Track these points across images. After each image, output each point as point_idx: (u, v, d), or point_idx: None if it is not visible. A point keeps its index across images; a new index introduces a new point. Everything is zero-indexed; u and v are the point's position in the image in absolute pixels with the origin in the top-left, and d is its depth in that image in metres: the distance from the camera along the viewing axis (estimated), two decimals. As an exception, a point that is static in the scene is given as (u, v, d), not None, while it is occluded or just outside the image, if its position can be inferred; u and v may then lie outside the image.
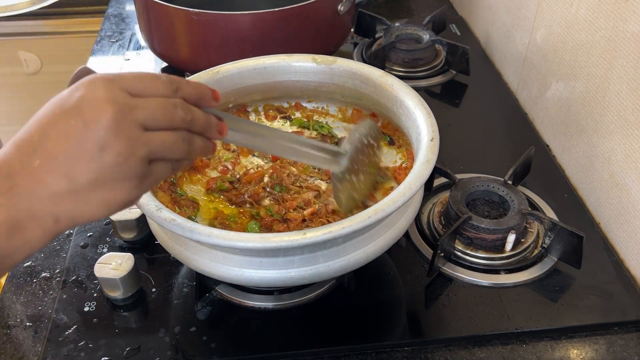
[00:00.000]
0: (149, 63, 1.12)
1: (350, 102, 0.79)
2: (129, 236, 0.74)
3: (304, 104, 0.82)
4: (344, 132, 0.80)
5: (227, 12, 0.90)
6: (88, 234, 0.76)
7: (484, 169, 0.81)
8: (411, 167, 0.61)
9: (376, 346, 0.63)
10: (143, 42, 1.14)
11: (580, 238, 0.67)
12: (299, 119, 0.81)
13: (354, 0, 1.03)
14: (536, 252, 0.72)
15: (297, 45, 0.90)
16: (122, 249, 0.74)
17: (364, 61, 1.10)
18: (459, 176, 0.78)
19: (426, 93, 1.04)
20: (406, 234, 0.74)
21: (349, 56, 1.13)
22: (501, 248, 0.71)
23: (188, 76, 0.74)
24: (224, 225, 0.68)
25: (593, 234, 0.75)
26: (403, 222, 0.63)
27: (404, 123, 0.69)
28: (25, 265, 0.73)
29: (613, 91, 0.73)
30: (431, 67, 1.09)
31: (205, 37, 0.93)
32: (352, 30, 1.17)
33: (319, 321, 0.66)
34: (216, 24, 0.91)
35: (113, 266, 0.66)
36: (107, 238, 0.76)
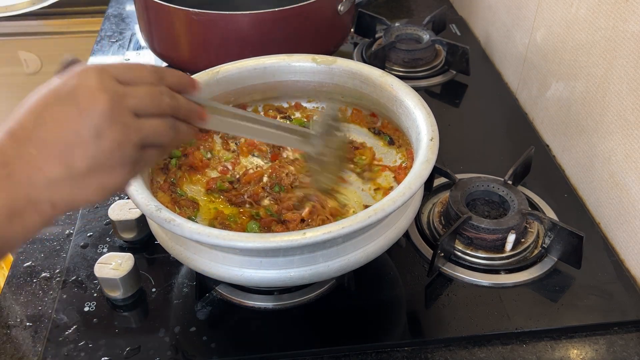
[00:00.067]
0: (149, 63, 1.12)
1: (350, 102, 0.79)
2: (129, 236, 0.74)
3: (304, 104, 0.82)
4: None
5: (227, 12, 0.90)
6: (88, 234, 0.76)
7: (484, 169, 0.81)
8: (411, 167, 0.61)
9: (376, 346, 0.63)
10: (143, 42, 1.14)
11: (580, 238, 0.67)
12: (299, 119, 0.81)
13: (354, 0, 1.03)
14: (536, 252, 0.72)
15: (297, 45, 0.90)
16: (122, 249, 0.74)
17: (364, 61, 1.10)
18: (459, 176, 0.78)
19: (426, 93, 1.04)
20: (406, 234, 0.74)
21: (349, 56, 1.13)
22: (501, 248, 0.71)
23: (188, 76, 0.74)
24: (224, 225, 0.68)
25: (593, 234, 0.75)
26: (403, 222, 0.63)
27: (404, 123, 0.69)
28: (25, 265, 0.73)
29: (613, 91, 0.73)
30: (431, 67, 1.09)
31: (205, 37, 0.93)
32: (352, 30, 1.17)
33: (319, 321, 0.66)
34: (216, 24, 0.91)
35: (113, 266, 0.66)
36: (107, 238, 0.76)
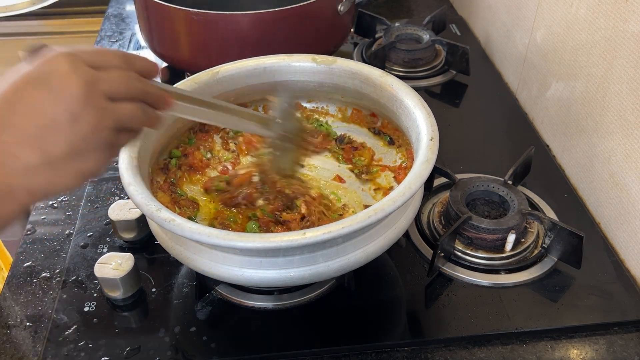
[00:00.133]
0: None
1: (350, 102, 0.79)
2: (129, 236, 0.74)
3: (304, 104, 0.81)
4: (344, 132, 0.80)
5: (227, 12, 0.90)
6: (88, 234, 0.76)
7: (484, 169, 0.81)
8: (411, 167, 0.61)
9: (376, 346, 0.63)
10: (143, 42, 1.14)
11: (580, 238, 0.67)
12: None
13: (354, 0, 1.03)
14: (536, 252, 0.72)
15: (297, 45, 0.90)
16: (122, 249, 0.74)
17: (364, 61, 1.10)
18: (459, 176, 0.78)
19: (426, 93, 1.04)
20: (406, 234, 0.74)
21: (349, 56, 1.13)
22: (501, 248, 0.71)
23: (188, 76, 0.74)
24: (224, 225, 0.68)
25: (593, 234, 0.75)
26: (403, 222, 0.63)
27: (404, 123, 0.69)
28: (25, 265, 0.73)
29: (613, 91, 0.73)
30: (431, 67, 1.09)
31: (205, 37, 0.93)
32: (352, 30, 1.17)
33: (319, 321, 0.66)
34: (216, 24, 0.91)
35: (113, 266, 0.66)
36: (107, 238, 0.76)
